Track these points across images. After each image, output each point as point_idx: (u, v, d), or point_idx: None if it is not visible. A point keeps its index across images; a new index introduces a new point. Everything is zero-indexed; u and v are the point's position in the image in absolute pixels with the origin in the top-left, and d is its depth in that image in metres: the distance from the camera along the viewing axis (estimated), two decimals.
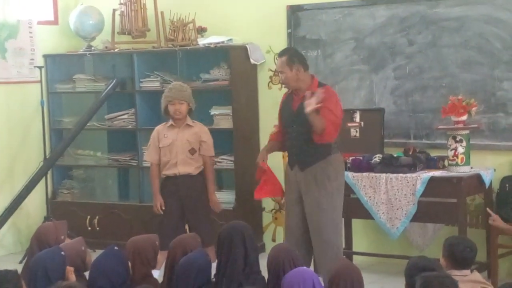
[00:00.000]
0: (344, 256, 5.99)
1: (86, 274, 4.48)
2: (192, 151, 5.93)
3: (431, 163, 5.86)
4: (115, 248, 4.39)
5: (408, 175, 5.66)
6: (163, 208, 5.89)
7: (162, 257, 4.85)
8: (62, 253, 4.25)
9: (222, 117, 6.87)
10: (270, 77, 6.87)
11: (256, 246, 4.29)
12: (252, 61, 6.90)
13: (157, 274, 4.90)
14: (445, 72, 6.18)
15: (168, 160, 5.90)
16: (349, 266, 3.99)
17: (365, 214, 5.83)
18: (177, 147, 5.90)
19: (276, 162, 6.11)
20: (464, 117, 5.71)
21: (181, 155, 5.89)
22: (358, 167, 5.87)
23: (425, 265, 3.85)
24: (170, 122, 5.96)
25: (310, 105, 4.99)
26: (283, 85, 5.50)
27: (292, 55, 5.32)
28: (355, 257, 6.28)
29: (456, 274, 3.98)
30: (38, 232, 4.77)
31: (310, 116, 5.03)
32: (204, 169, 5.97)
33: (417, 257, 4.09)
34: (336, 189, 5.29)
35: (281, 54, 5.39)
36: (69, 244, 4.56)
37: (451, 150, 5.69)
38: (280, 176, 5.80)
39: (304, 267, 3.95)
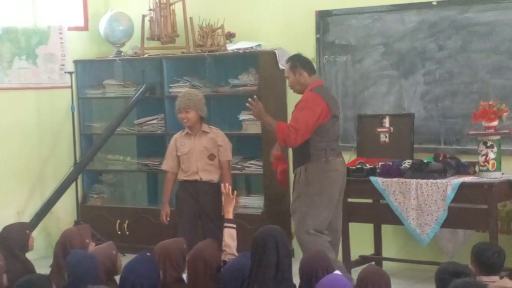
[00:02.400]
0: (373, 262, 5.99)
1: (117, 278, 4.50)
2: (211, 157, 5.97)
3: (462, 169, 5.81)
4: (148, 254, 4.40)
5: (439, 180, 5.62)
6: (168, 219, 6.04)
7: None
8: (95, 259, 4.27)
9: (251, 122, 6.88)
10: None
11: (289, 252, 4.26)
12: (280, 66, 6.89)
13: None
14: (475, 77, 6.14)
15: (187, 168, 5.95)
16: (377, 271, 3.97)
17: (394, 219, 5.80)
18: (195, 154, 5.94)
19: None
20: (495, 123, 5.66)
21: (200, 162, 5.94)
22: (387, 172, 5.84)
23: (456, 269, 3.82)
24: (186, 130, 5.98)
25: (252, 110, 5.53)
26: (292, 90, 5.74)
27: (295, 61, 5.61)
28: (384, 263, 6.25)
29: (485, 280, 3.95)
30: (63, 238, 4.78)
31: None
32: (221, 174, 5.99)
33: (447, 262, 4.07)
34: (311, 195, 5.44)
35: (287, 61, 5.70)
36: (100, 248, 4.59)
37: (482, 155, 5.64)
38: None
39: (338, 274, 3.92)
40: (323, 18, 6.77)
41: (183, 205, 5.99)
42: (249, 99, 5.54)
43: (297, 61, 5.59)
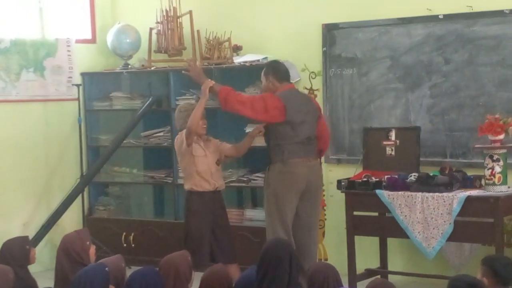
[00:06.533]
0: (379, 276, 5.98)
1: None
2: (218, 162, 5.96)
3: (468, 182, 5.80)
4: (156, 268, 4.40)
5: (445, 194, 5.60)
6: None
7: None
8: (107, 269, 4.27)
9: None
10: None
11: (299, 266, 4.29)
12: None
13: None
14: (481, 90, 6.14)
15: (203, 172, 5.84)
16: (384, 282, 3.99)
17: (400, 233, 5.78)
18: (210, 159, 5.89)
19: None
20: (501, 136, 5.65)
21: (213, 168, 5.90)
22: (393, 185, 5.83)
23: (471, 281, 3.82)
24: (195, 138, 5.87)
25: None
26: None
27: (268, 67, 5.87)
28: (390, 276, 6.23)
29: None
30: (63, 243, 4.79)
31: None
32: (238, 147, 6.07)
33: (461, 274, 4.07)
34: (269, 195, 5.66)
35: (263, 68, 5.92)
36: (110, 260, 4.61)
37: (488, 169, 5.63)
38: None
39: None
40: (330, 31, 6.78)
41: (203, 224, 5.81)
42: (187, 59, 5.97)
43: (270, 67, 5.85)
